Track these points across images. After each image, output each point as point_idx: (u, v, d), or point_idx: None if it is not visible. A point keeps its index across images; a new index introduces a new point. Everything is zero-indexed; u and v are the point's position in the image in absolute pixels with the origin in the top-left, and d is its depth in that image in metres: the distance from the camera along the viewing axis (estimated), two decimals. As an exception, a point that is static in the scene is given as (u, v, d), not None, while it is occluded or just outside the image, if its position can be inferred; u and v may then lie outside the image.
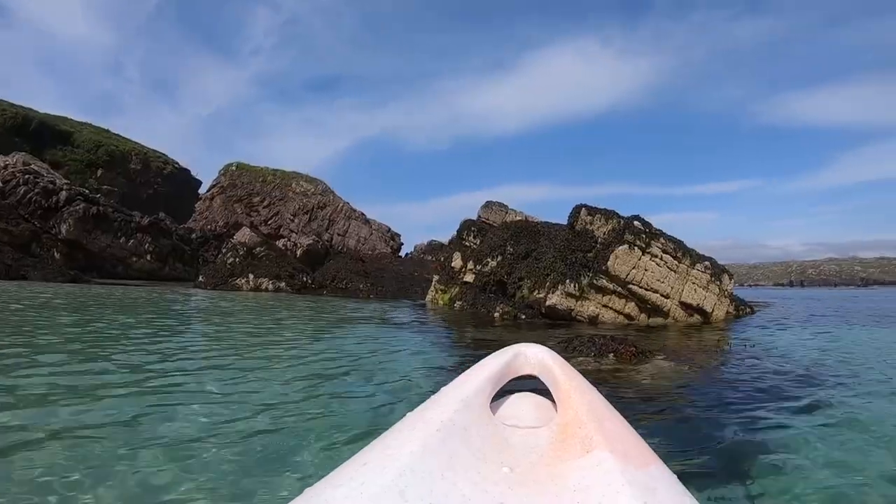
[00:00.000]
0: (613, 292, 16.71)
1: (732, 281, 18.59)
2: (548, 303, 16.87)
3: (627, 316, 16.91)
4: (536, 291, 17.65)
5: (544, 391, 1.53)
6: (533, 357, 1.60)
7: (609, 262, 16.53)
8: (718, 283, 17.78)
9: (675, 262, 17.23)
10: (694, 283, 17.31)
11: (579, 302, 16.66)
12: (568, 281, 16.68)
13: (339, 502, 0.96)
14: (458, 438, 1.19)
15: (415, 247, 52.88)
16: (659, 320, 17.07)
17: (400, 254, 53.31)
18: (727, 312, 18.57)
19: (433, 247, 47.87)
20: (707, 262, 17.66)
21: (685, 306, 17.27)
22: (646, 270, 16.63)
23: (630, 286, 16.63)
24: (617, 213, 18.05)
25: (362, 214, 54.69)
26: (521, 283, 19.11)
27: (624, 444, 1.16)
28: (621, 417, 1.35)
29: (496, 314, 18.43)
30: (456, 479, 1.07)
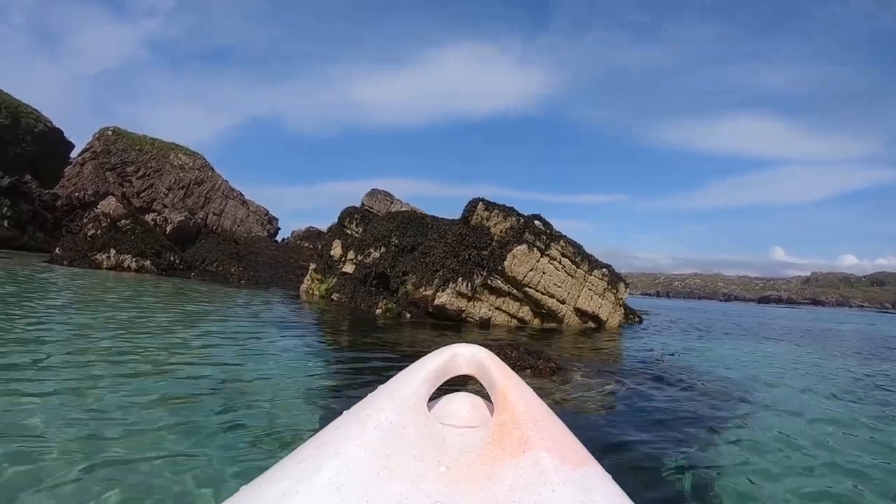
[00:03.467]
0: (508, 294, 14.85)
1: (627, 290, 17.39)
2: (436, 301, 14.83)
3: (521, 320, 15.08)
4: (423, 288, 15.51)
5: (481, 391, 1.48)
6: (471, 357, 1.55)
7: (506, 263, 14.62)
8: (615, 291, 16.48)
9: (574, 266, 15.65)
10: (591, 289, 15.84)
11: (471, 303, 14.69)
12: (460, 279, 14.67)
13: (276, 499, 0.93)
14: (394, 437, 1.18)
15: (292, 232, 49.22)
16: (552, 325, 15.41)
17: (276, 238, 50.02)
18: (620, 320, 17.42)
19: (311, 233, 44.54)
20: (605, 270, 16.28)
21: (580, 313, 15.75)
22: (544, 273, 14.88)
23: (526, 289, 14.82)
24: (516, 211, 16.19)
25: (240, 194, 50.84)
26: (406, 277, 17.01)
27: (560, 445, 1.16)
28: (557, 418, 1.34)
29: (378, 311, 16.27)
30: (392, 477, 1.06)
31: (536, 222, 15.52)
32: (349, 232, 22.35)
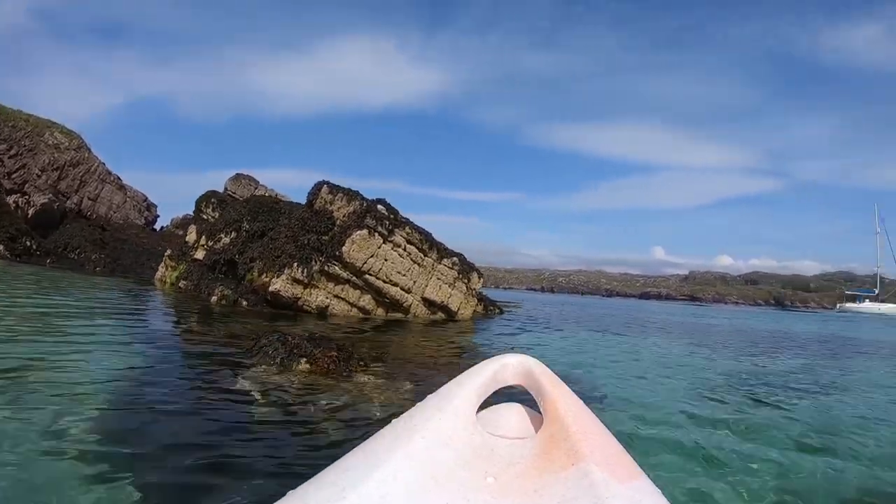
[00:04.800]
0: (347, 282, 13.62)
1: (481, 280, 16.55)
2: (271, 288, 13.42)
3: (362, 309, 13.87)
4: (264, 275, 14.22)
5: (531, 402, 1.42)
6: (520, 367, 1.51)
7: (344, 248, 13.35)
8: (466, 280, 15.57)
9: (421, 254, 14.58)
10: (440, 278, 14.86)
11: (307, 290, 13.37)
12: (296, 265, 13.33)
13: None
14: (442, 447, 1.15)
15: (171, 220, 46.81)
16: (398, 316, 14.33)
17: (155, 226, 47.14)
18: (475, 311, 16.58)
19: (187, 221, 42.21)
20: (455, 258, 15.33)
21: (428, 303, 14.74)
22: (386, 260, 13.74)
23: (367, 276, 13.62)
24: (361, 195, 15.00)
25: (118, 179, 47.15)
26: (253, 264, 15.60)
27: (609, 457, 1.11)
28: (607, 430, 1.28)
29: (214, 298, 14.76)
30: (439, 487, 1.03)
31: (380, 207, 14.37)
32: (205, 217, 20.72)
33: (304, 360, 6.47)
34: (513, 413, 1.47)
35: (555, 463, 1.13)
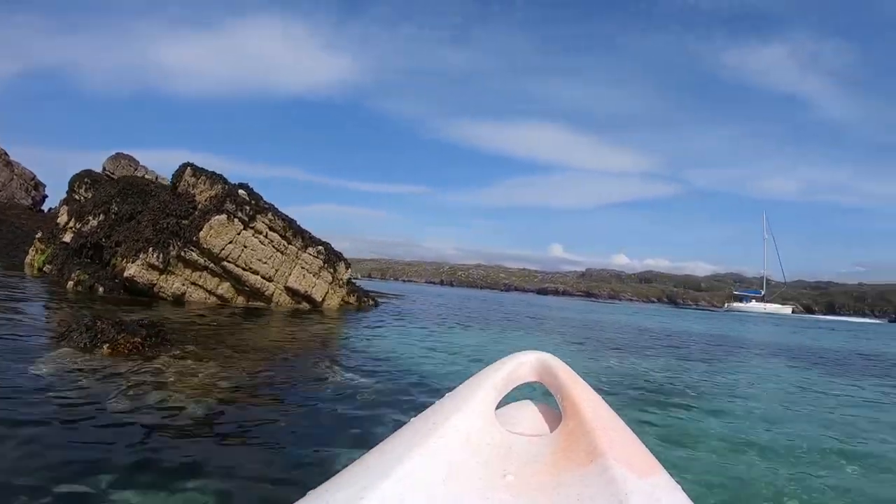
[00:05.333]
0: (205, 268, 13.44)
1: (349, 270, 16.70)
2: (126, 273, 13.03)
3: (221, 297, 13.73)
4: (125, 259, 13.87)
5: (550, 399, 1.42)
6: (538, 363, 1.49)
7: (202, 233, 13.17)
8: (332, 270, 15.70)
9: (284, 242, 14.57)
10: (304, 267, 14.90)
11: (163, 276, 13.10)
12: (152, 250, 13.07)
13: None
14: (460, 445, 1.14)
15: (60, 201, 44.29)
16: (260, 305, 14.26)
17: (43, 207, 44.52)
18: (344, 302, 16.68)
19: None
20: (321, 247, 15.42)
21: (292, 292, 14.76)
22: (245, 247, 13.65)
23: (225, 263, 13.50)
24: (224, 178, 14.82)
25: (4, 154, 44.56)
26: (118, 248, 15.14)
27: (628, 453, 1.09)
28: (626, 426, 1.24)
29: (70, 283, 14.24)
30: (458, 485, 1.03)
31: (241, 192, 14.24)
32: (77, 197, 19.91)
33: (107, 345, 6.46)
34: (531, 410, 1.46)
35: (573, 459, 1.14)
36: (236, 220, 13.65)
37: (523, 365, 1.49)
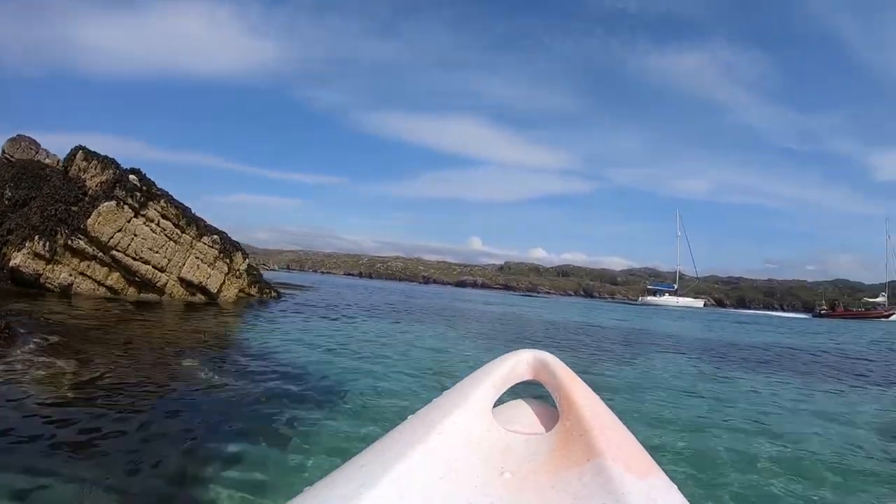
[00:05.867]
0: (94, 258, 13.12)
1: (246, 260, 16.59)
2: (11, 263, 12.56)
3: (110, 289, 13.47)
4: (14, 248, 13.21)
5: (547, 397, 1.36)
6: (537, 362, 1.43)
7: (90, 221, 12.88)
8: (229, 260, 15.56)
9: (178, 231, 14.42)
10: (199, 257, 14.75)
11: (50, 266, 12.70)
12: (38, 238, 12.62)
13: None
14: (458, 442, 1.12)
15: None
16: (152, 296, 14.04)
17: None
18: (243, 293, 16.58)
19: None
20: (217, 236, 15.31)
21: (185, 283, 14.59)
22: (136, 236, 13.41)
23: (115, 253, 13.23)
24: (116, 163, 14.40)
25: None
26: (10, 237, 14.44)
27: (625, 453, 1.06)
28: (623, 426, 1.21)
29: (-54, 274, 13.48)
30: (456, 483, 1.00)
31: (132, 177, 13.99)
32: (-33, 183, 18.71)
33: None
34: (529, 408, 1.42)
35: (571, 458, 1.12)
36: (126, 206, 13.37)
37: (521, 363, 1.48)
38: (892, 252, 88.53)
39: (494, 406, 1.33)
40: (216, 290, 15.04)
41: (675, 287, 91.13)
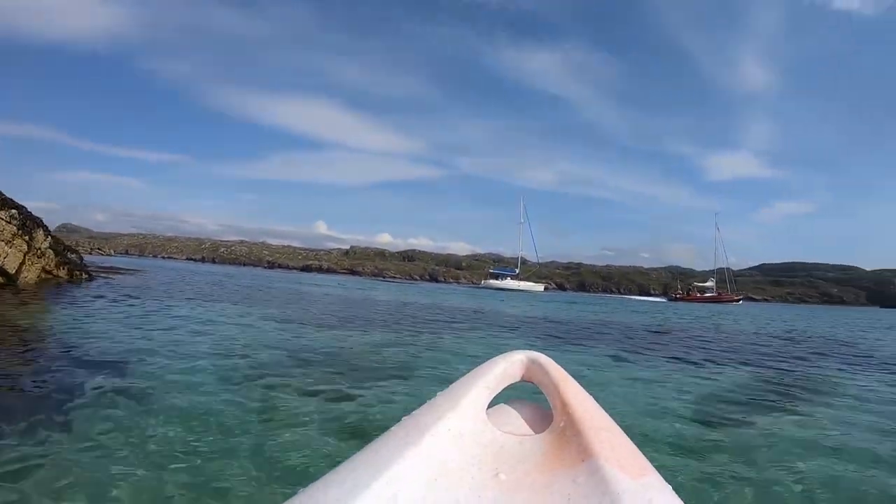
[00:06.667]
0: None
1: (49, 238, 14.93)
2: None
3: None
4: None
5: (541, 398, 1.36)
6: (530, 363, 1.44)
7: None
8: (28, 238, 13.92)
9: (-35, 204, 12.52)
10: (-8, 234, 12.93)
11: None
12: None
13: None
14: (452, 444, 1.11)
15: None
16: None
17: None
18: (50, 275, 14.98)
19: None
20: (14, 211, 13.63)
21: (-24, 263, 12.75)
22: None
23: None
24: None
25: None
26: None
27: (619, 453, 1.06)
28: (618, 426, 1.21)
29: None
30: (450, 484, 1.01)
31: None
32: None
33: None
34: (522, 410, 1.40)
35: (565, 459, 1.11)
36: None
37: (515, 364, 1.46)
38: (720, 242, 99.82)
39: (488, 407, 1.34)
40: (14, 271, 13.34)
41: (517, 271, 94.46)
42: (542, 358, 1.48)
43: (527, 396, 1.45)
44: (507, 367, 1.45)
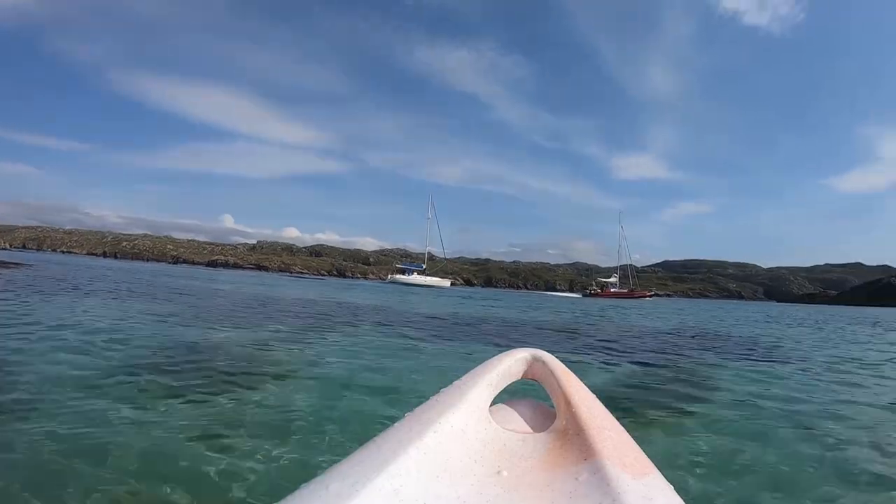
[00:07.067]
0: None
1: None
2: None
3: None
4: None
5: (544, 396, 1.40)
6: (533, 361, 1.46)
7: None
8: None
9: None
10: None
11: None
12: None
13: (333, 502, 0.88)
14: (454, 441, 1.12)
15: None
16: None
17: None
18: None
19: None
20: None
21: None
22: None
23: None
24: None
25: None
26: None
27: (621, 452, 1.08)
28: (620, 425, 1.24)
29: None
30: (452, 481, 1.01)
31: None
32: None
33: None
34: (525, 407, 1.42)
35: (567, 458, 1.12)
36: None
37: (518, 362, 1.49)
38: (624, 240, 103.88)
39: (491, 405, 1.36)
40: None
41: (424, 267, 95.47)
42: (545, 356, 1.51)
43: (529, 394, 1.50)
44: (511, 364, 1.47)
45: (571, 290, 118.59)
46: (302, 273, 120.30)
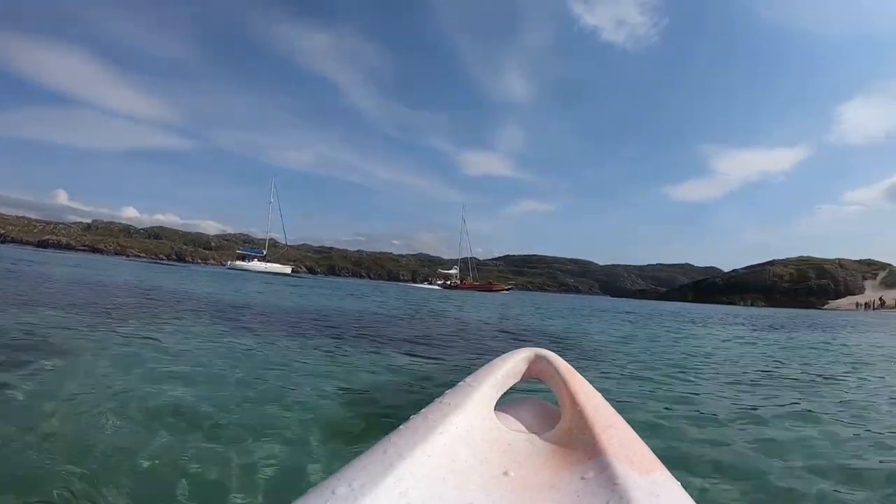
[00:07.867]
0: None
1: None
2: None
3: None
4: None
5: (549, 396, 1.48)
6: (537, 360, 1.57)
7: None
8: None
9: None
10: None
11: None
12: None
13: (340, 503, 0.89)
14: (461, 442, 1.15)
15: None
16: None
17: None
18: None
19: None
20: None
21: None
22: None
23: None
24: None
25: None
26: None
27: (628, 449, 1.12)
28: (626, 423, 1.29)
29: None
30: (458, 482, 1.03)
31: None
32: None
33: None
34: (531, 407, 1.46)
35: (573, 457, 1.14)
36: None
37: (522, 361, 1.53)
38: (466, 233, 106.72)
39: (496, 405, 1.40)
40: None
41: (265, 253, 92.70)
42: (549, 355, 1.55)
43: (535, 394, 1.52)
44: (515, 364, 1.51)
45: (414, 280, 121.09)
46: (139, 256, 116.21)
